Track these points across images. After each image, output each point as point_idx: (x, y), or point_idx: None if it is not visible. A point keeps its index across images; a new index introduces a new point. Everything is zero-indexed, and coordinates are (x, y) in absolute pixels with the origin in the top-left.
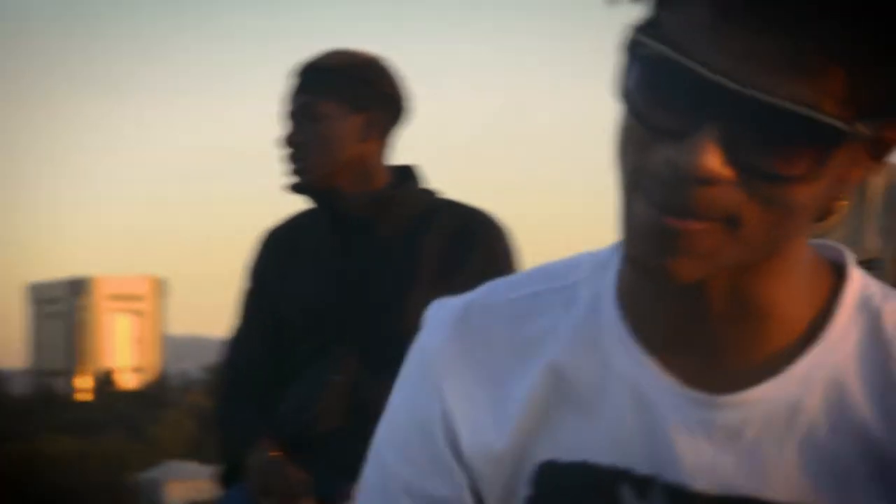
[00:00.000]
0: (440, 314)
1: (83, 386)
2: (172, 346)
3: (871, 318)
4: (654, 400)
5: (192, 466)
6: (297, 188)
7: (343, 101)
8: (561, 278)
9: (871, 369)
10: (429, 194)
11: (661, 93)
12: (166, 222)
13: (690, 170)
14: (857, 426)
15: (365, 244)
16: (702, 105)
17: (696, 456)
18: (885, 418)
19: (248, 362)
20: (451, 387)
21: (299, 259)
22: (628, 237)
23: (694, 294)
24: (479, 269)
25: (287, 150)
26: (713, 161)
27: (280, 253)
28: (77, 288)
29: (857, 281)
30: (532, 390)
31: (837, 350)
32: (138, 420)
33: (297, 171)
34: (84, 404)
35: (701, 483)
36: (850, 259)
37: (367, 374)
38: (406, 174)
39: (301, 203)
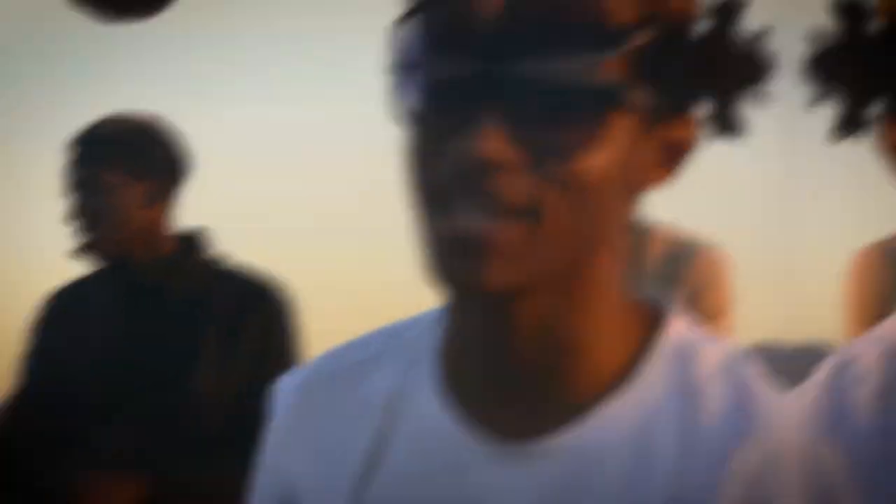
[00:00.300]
0: (282, 391)
1: None
2: None
3: (685, 362)
4: (466, 458)
5: None
6: (85, 251)
7: (124, 170)
8: (398, 337)
9: (678, 415)
10: (215, 260)
11: (434, 99)
12: None
13: (473, 156)
14: (661, 473)
15: (152, 309)
16: (475, 96)
17: None
18: (685, 466)
19: (24, 428)
20: (294, 463)
21: (85, 322)
22: (432, 256)
23: (503, 335)
24: (257, 335)
25: (75, 221)
26: (494, 143)
27: (64, 315)
28: None
29: (675, 324)
30: (366, 456)
31: (647, 394)
32: None
33: (87, 243)
34: None
35: None
36: (670, 302)
37: (150, 441)
38: (194, 239)
39: (85, 266)
